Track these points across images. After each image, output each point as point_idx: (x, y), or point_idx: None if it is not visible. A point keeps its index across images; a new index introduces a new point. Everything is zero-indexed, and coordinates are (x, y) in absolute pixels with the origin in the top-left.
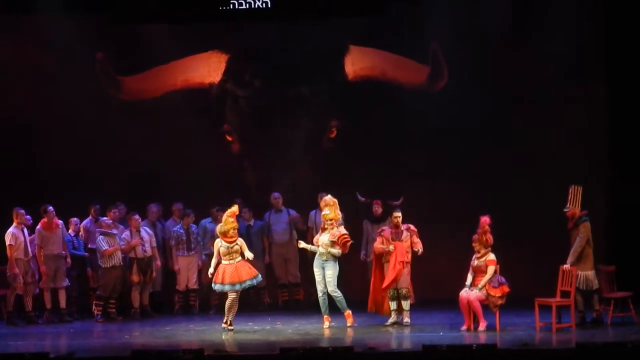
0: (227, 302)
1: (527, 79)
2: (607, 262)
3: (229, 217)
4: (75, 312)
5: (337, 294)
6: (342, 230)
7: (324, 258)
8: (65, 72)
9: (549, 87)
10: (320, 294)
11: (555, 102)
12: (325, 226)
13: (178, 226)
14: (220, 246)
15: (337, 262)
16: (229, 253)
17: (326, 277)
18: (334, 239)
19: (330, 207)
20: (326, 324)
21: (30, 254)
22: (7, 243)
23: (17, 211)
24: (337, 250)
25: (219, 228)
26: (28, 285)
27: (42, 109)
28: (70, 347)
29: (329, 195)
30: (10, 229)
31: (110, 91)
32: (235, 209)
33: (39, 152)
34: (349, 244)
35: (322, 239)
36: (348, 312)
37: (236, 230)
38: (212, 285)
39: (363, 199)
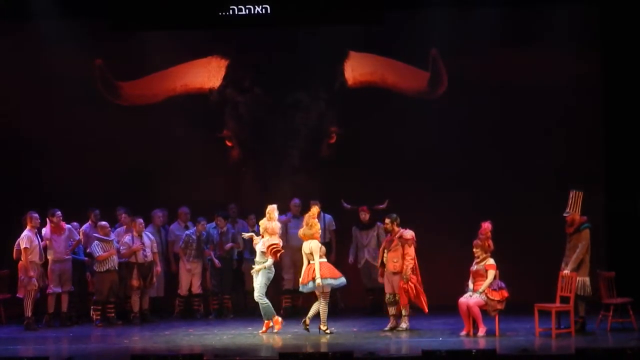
0: (325, 302)
1: (526, 84)
2: (606, 268)
3: (313, 219)
4: (74, 316)
5: (262, 301)
6: (273, 239)
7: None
8: (65, 78)
9: (548, 91)
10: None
11: (555, 107)
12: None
13: (192, 230)
14: (321, 246)
15: (269, 271)
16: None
17: (255, 283)
18: (264, 249)
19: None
20: (264, 329)
21: (44, 258)
22: (23, 246)
23: (30, 215)
24: (269, 262)
25: (306, 231)
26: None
27: (42, 115)
28: (70, 352)
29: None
30: (25, 232)
31: (110, 97)
32: (315, 210)
33: (40, 158)
34: (279, 253)
35: (258, 247)
36: (276, 318)
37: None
38: (326, 281)
39: (348, 206)
